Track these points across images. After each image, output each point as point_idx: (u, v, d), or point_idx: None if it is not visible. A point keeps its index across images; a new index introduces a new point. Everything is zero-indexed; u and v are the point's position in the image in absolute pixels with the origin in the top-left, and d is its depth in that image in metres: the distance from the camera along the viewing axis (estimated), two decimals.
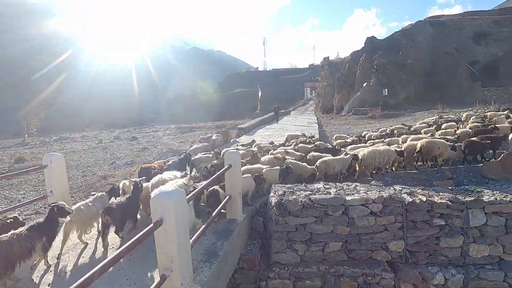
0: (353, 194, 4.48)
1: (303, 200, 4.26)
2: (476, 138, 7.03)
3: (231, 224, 4.27)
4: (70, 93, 68.47)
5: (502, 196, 4.45)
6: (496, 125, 8.33)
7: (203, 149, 11.01)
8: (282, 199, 4.33)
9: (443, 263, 4.32)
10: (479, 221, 4.29)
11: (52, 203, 3.32)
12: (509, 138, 6.93)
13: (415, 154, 6.58)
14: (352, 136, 11.28)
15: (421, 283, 4.13)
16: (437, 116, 13.67)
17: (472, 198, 4.37)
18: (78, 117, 56.61)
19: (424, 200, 4.33)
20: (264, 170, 5.49)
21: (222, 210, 4.12)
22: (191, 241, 2.83)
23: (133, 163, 12.17)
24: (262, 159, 6.63)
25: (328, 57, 44.40)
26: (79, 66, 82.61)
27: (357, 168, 6.30)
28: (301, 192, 4.58)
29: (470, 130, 8.36)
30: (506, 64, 26.98)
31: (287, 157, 6.60)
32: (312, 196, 4.39)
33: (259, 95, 30.56)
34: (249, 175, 5.12)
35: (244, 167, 5.48)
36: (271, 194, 4.72)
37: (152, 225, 2.27)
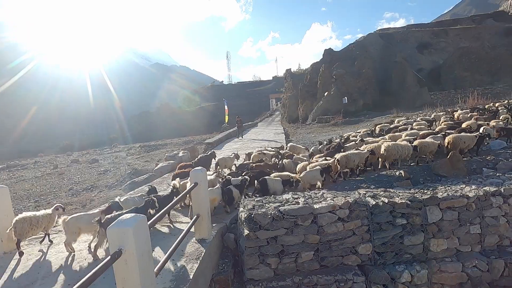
0: (320, 202, 4.56)
1: (272, 212, 4.25)
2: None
3: (200, 245, 4.11)
4: (17, 116, 62.99)
5: (453, 192, 4.82)
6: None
7: (169, 168, 10.64)
8: (252, 213, 4.28)
9: (408, 261, 4.52)
10: (436, 216, 4.57)
11: None
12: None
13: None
14: (315, 144, 11.64)
15: (390, 283, 4.26)
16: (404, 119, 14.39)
17: (428, 196, 4.67)
18: (30, 142, 52.04)
19: (387, 202, 4.54)
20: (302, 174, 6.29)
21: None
22: (155, 268, 2.65)
23: (93, 187, 11.36)
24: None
25: (290, 69, 46.01)
26: (28, 85, 76.70)
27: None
28: (271, 204, 4.57)
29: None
30: (446, 71, 30.02)
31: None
32: (281, 207, 4.39)
33: (226, 108, 30.57)
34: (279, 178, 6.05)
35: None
36: (241, 209, 4.65)
37: (109, 257, 2.09)
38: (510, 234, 4.84)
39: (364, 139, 9.41)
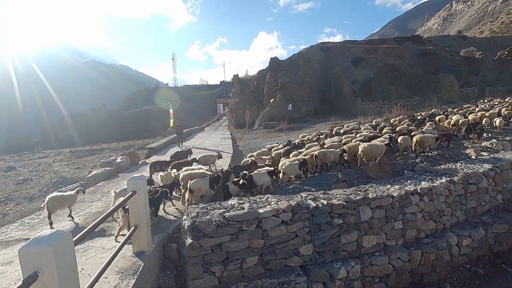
0: (265, 206, 4.64)
1: (217, 219, 4.16)
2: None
3: (138, 258, 3.80)
4: None
5: (381, 192, 5.37)
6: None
7: (105, 175, 9.73)
8: (196, 221, 4.13)
9: (344, 258, 4.86)
10: (367, 215, 5.03)
11: None
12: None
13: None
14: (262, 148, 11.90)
15: (329, 280, 4.52)
16: (339, 126, 15.70)
17: (361, 197, 5.11)
18: None
19: (326, 204, 4.83)
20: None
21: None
22: None
23: (8, 199, 9.74)
24: None
25: (238, 74, 46.51)
26: None
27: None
28: (215, 211, 4.48)
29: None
30: (375, 84, 33.72)
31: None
32: (226, 213, 4.34)
33: (171, 112, 29.33)
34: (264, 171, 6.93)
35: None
36: (184, 217, 4.47)
37: (21, 283, 1.78)
38: (425, 227, 5.57)
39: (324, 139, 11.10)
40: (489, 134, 11.31)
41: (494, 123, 12.27)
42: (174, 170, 7.72)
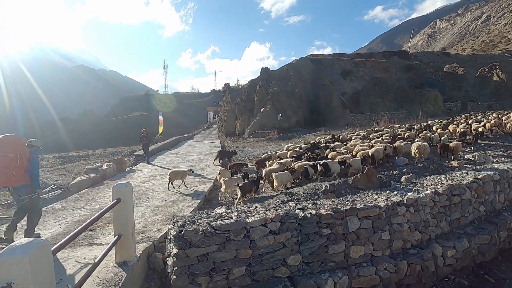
0: (253, 215, 4.59)
1: (204, 228, 4.09)
2: None
3: (121, 268, 3.67)
4: None
5: (368, 202, 5.42)
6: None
7: (90, 182, 9.46)
8: (182, 230, 4.04)
9: (332, 268, 4.83)
10: (355, 225, 5.04)
11: None
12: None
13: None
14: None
15: None
16: (326, 136, 16.04)
17: (349, 207, 5.14)
18: None
19: (314, 214, 4.83)
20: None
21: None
22: None
23: None
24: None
25: (229, 83, 46.78)
26: None
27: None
28: (203, 220, 4.40)
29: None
30: (364, 96, 34.50)
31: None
32: (213, 223, 4.27)
33: (160, 119, 29.07)
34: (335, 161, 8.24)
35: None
36: (170, 226, 4.37)
37: None
38: (411, 238, 5.63)
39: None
40: (472, 147, 11.69)
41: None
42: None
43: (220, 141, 27.36)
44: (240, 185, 6.84)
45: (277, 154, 10.89)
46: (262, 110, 31.11)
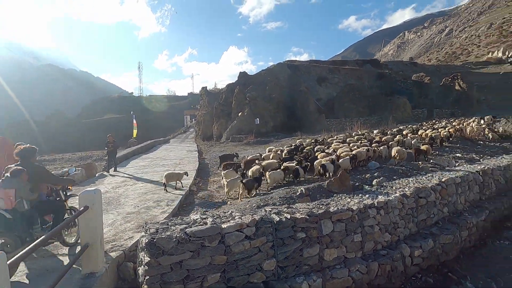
0: (229, 221, 4.56)
1: (178, 235, 3.99)
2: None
3: (88, 280, 3.48)
4: None
5: (342, 206, 5.57)
6: None
7: None
8: (155, 238, 3.92)
9: (306, 272, 4.90)
10: (328, 229, 5.16)
11: None
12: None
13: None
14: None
15: None
16: (306, 140, 16.36)
17: (323, 211, 5.25)
18: None
19: (289, 218, 4.88)
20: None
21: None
22: None
23: None
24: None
25: (206, 87, 46.38)
26: None
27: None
28: (176, 226, 4.30)
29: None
30: (338, 102, 35.60)
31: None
32: (188, 229, 4.18)
33: (134, 122, 28.15)
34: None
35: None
36: (142, 233, 4.21)
37: None
38: (382, 239, 5.86)
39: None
40: (437, 152, 12.43)
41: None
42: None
43: (197, 145, 26.98)
44: (244, 181, 7.48)
45: (262, 156, 11.38)
46: (239, 114, 31.12)
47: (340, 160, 9.10)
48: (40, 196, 4.17)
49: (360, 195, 6.46)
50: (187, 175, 9.47)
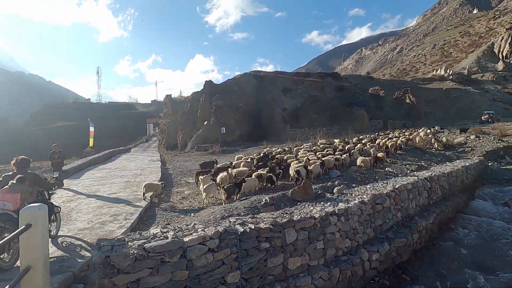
0: (191, 233, 4.40)
1: (135, 251, 3.75)
2: None
3: None
4: None
5: (305, 214, 5.70)
6: None
7: None
8: (109, 256, 3.64)
9: (271, 282, 4.88)
10: (292, 237, 5.22)
11: None
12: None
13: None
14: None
15: None
16: (273, 149, 16.56)
17: (287, 219, 5.31)
18: None
19: (253, 228, 4.85)
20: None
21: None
22: None
23: None
24: None
25: (171, 95, 45.23)
26: None
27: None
28: (134, 242, 4.04)
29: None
30: (302, 112, 36.84)
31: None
32: (147, 244, 3.95)
33: (91, 130, 26.35)
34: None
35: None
36: (95, 251, 3.90)
37: None
38: (343, 245, 6.07)
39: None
40: (391, 160, 13.34)
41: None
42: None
43: (160, 155, 25.99)
44: (225, 187, 7.76)
45: (233, 164, 11.57)
46: (205, 123, 30.73)
47: (311, 166, 9.66)
48: (34, 197, 4.98)
49: (322, 203, 6.67)
50: (164, 186, 9.47)
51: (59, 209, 5.70)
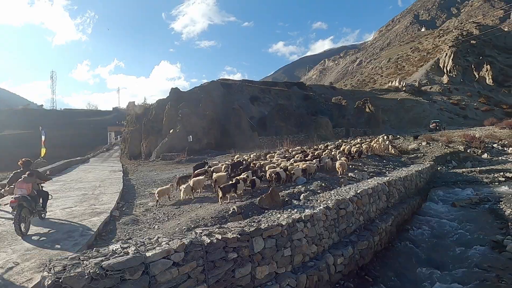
0: (154, 248, 4.20)
1: (91, 271, 3.47)
2: None
3: None
4: None
5: (272, 222, 5.73)
6: None
7: None
8: (61, 277, 3.33)
9: None
10: (260, 246, 5.21)
11: None
12: None
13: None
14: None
15: None
16: (244, 156, 16.49)
17: (254, 228, 5.30)
18: None
19: (220, 238, 4.76)
20: None
21: None
22: None
23: None
24: None
25: (134, 102, 43.34)
26: None
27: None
28: (90, 260, 3.74)
29: None
30: (269, 120, 37.44)
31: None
32: (105, 262, 3.68)
33: (43, 139, 24.21)
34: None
35: None
36: (45, 273, 3.54)
37: None
38: (309, 251, 6.19)
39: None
40: (353, 166, 14.02)
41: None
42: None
43: (122, 165, 24.66)
44: (220, 186, 8.29)
45: (212, 169, 11.98)
46: (171, 131, 29.87)
47: (294, 169, 10.57)
48: (37, 187, 7.06)
49: (289, 210, 6.77)
50: (173, 187, 10.17)
51: (51, 196, 7.61)
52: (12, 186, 6.92)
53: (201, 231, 5.13)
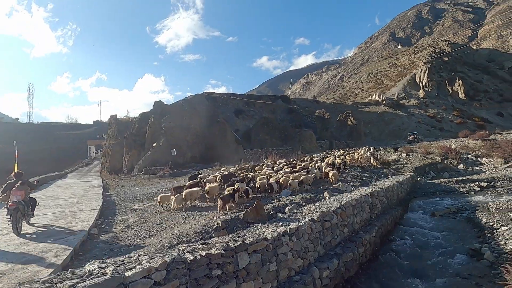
0: (134, 267, 4.02)
1: None
2: None
3: None
4: None
5: (257, 236, 5.65)
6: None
7: None
8: None
9: None
10: (245, 261, 5.11)
11: None
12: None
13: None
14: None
15: None
16: (229, 169, 16.34)
17: (239, 243, 5.20)
18: None
19: (204, 255, 4.64)
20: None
21: None
22: None
23: None
24: None
25: (116, 115, 42.49)
26: None
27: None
28: (64, 283, 3.53)
29: None
30: (254, 133, 37.62)
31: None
32: (80, 284, 3.49)
33: (16, 154, 23.08)
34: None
35: None
36: None
37: None
38: (295, 265, 6.13)
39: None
40: (338, 177, 14.21)
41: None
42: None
43: (103, 180, 23.80)
44: (221, 196, 8.62)
45: (204, 180, 12.43)
46: (154, 144, 29.31)
47: (291, 181, 10.89)
48: (28, 194, 8.16)
49: (274, 223, 6.72)
50: (175, 195, 10.12)
51: (38, 203, 8.99)
52: (5, 195, 8.00)
53: (184, 247, 4.98)
